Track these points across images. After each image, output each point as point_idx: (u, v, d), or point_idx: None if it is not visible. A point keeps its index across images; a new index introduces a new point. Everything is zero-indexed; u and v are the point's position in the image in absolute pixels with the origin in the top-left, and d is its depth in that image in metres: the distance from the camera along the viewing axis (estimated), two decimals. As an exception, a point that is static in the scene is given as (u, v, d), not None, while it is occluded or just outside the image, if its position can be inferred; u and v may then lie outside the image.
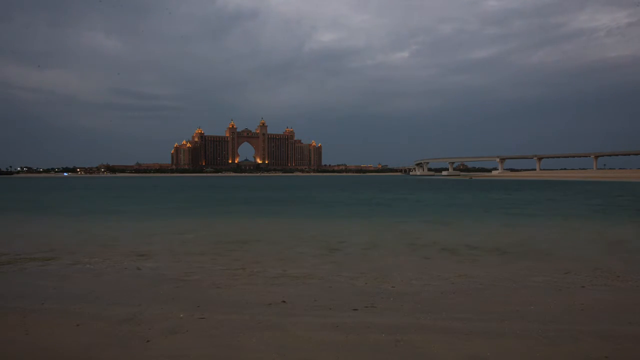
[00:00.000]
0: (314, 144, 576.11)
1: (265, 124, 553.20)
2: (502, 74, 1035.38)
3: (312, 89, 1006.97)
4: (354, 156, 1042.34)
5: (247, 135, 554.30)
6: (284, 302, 11.02)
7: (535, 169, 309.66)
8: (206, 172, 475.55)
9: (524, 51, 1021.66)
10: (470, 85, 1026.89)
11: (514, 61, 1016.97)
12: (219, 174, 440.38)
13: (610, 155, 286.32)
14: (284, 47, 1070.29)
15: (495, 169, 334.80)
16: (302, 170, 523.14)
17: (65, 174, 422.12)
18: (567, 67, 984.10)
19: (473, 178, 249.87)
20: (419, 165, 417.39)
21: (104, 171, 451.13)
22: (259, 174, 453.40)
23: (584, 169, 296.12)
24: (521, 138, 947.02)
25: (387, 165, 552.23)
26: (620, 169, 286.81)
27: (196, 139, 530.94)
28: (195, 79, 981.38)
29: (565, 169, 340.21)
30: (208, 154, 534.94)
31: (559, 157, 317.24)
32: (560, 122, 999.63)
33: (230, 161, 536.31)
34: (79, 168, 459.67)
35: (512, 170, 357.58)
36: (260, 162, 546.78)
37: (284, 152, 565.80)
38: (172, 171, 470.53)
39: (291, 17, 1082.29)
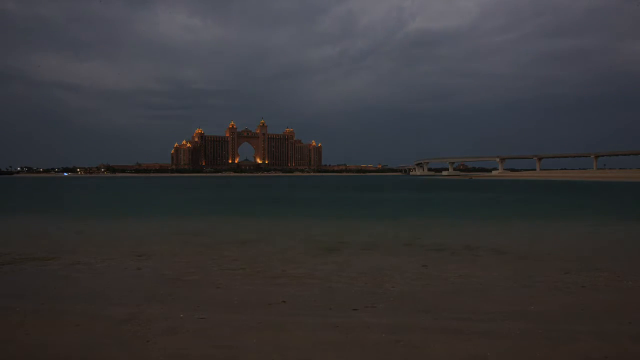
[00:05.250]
0: (314, 143, 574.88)
1: (265, 124, 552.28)
2: (588, 66, 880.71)
3: (375, 82, 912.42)
4: (355, 156, 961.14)
5: (247, 135, 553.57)
6: (284, 302, 11.02)
7: (535, 169, 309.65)
8: (206, 172, 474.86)
9: None
10: (535, 78, 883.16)
11: (619, 48, 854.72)
12: (219, 174, 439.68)
13: (610, 155, 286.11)
14: (379, 29, 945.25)
15: (495, 169, 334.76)
16: (301, 171, 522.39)
17: (65, 174, 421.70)
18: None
19: (473, 178, 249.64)
20: (419, 165, 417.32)
21: (104, 171, 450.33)
22: (258, 174, 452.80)
23: (584, 169, 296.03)
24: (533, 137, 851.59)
25: (387, 165, 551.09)
26: (620, 169, 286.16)
27: (196, 139, 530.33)
28: (254, 70, 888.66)
29: (565, 169, 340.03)
30: (208, 154, 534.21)
31: (558, 157, 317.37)
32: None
33: (230, 161, 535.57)
34: (78, 168, 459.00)
35: (512, 170, 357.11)
36: (260, 162, 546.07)
37: (284, 152, 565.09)
38: (172, 171, 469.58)
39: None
